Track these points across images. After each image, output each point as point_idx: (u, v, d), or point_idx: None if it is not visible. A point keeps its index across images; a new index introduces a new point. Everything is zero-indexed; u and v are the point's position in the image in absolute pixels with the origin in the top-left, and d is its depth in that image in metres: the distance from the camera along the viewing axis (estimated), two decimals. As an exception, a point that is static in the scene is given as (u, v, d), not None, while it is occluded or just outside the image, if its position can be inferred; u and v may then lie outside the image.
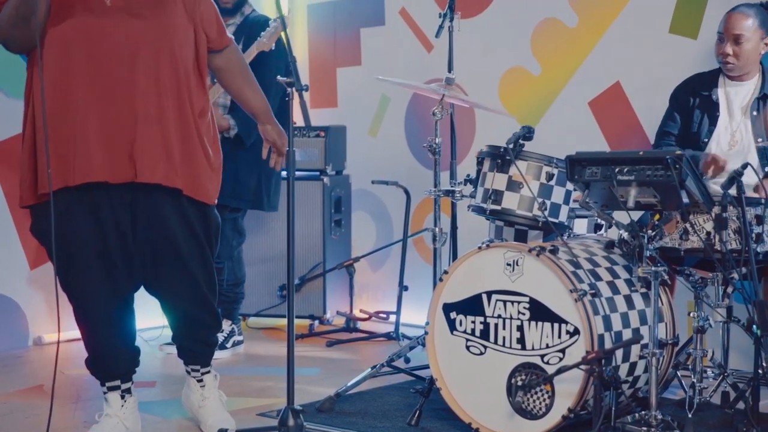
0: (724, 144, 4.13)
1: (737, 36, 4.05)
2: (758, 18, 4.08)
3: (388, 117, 5.86)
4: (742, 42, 4.05)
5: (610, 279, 3.61)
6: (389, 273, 5.74)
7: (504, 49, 5.35)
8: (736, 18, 4.08)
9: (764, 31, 4.10)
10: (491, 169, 3.86)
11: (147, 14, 3.38)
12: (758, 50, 4.09)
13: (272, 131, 3.65)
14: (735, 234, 3.52)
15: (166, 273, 3.52)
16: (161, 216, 3.44)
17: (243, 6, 5.02)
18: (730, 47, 4.08)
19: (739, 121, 4.12)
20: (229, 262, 5.03)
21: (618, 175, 3.33)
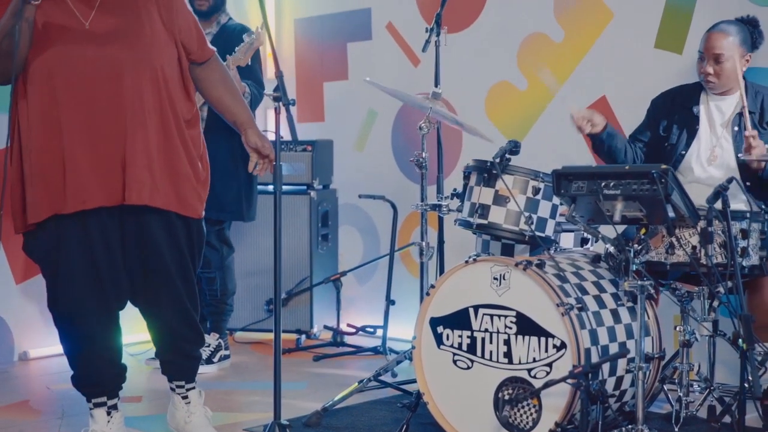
0: (704, 158, 4.14)
1: (717, 55, 4.07)
2: (738, 36, 4.09)
3: (375, 131, 5.87)
4: (722, 61, 4.06)
5: (596, 293, 3.62)
6: (376, 287, 5.73)
7: (490, 63, 5.36)
8: (716, 37, 4.08)
9: (744, 48, 4.11)
10: (478, 183, 3.87)
11: (126, 34, 3.38)
12: (739, 67, 4.11)
13: (254, 135, 3.63)
14: (720, 248, 3.53)
15: (153, 288, 3.53)
16: (150, 233, 3.46)
17: (219, 13, 5.02)
18: (711, 66, 4.09)
19: (720, 135, 4.14)
20: (220, 272, 5.04)
21: (604, 190, 3.34)
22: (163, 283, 3.52)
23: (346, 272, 5.63)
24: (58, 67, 3.32)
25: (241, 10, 6.10)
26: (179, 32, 3.51)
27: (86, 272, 3.43)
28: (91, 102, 3.34)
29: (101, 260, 3.43)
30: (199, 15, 4.65)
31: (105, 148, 3.36)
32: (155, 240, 3.47)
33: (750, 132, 3.88)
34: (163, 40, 3.45)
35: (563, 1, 5.08)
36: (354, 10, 5.92)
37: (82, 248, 3.41)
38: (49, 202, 3.34)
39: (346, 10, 5.96)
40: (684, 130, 4.19)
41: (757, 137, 3.89)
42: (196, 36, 3.57)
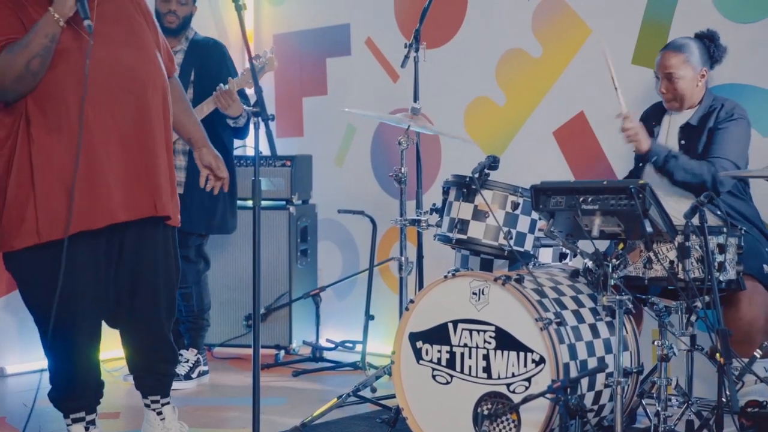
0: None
1: (669, 74, 4.12)
2: (692, 53, 4.11)
3: (354, 146, 5.87)
4: (674, 79, 4.11)
5: (575, 308, 3.63)
6: (355, 302, 5.73)
7: (469, 79, 5.38)
8: (666, 57, 4.14)
9: (698, 64, 4.12)
10: (457, 199, 3.88)
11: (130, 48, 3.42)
12: (696, 83, 4.13)
13: (208, 155, 3.68)
14: (698, 263, 3.55)
15: (138, 305, 3.56)
16: (151, 244, 3.53)
17: (186, 29, 5.02)
18: (665, 85, 4.13)
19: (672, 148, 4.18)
20: (197, 287, 5.04)
21: (582, 205, 3.35)
22: (151, 299, 3.56)
23: (325, 287, 5.63)
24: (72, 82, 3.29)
25: (220, 26, 6.11)
26: (161, 47, 3.59)
27: (90, 289, 3.44)
28: (116, 115, 3.37)
29: (102, 277, 3.47)
30: (168, 32, 4.73)
31: (135, 161, 3.41)
32: (154, 251, 3.54)
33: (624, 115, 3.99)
34: (156, 54, 3.53)
35: (541, 17, 5.11)
36: (333, 26, 5.93)
37: (90, 265, 3.42)
38: (76, 217, 3.28)
39: (326, 26, 5.97)
40: None
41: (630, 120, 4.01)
42: (168, 52, 3.66)
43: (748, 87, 4.42)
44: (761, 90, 4.41)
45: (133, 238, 3.49)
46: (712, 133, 4.08)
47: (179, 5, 4.90)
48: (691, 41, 4.16)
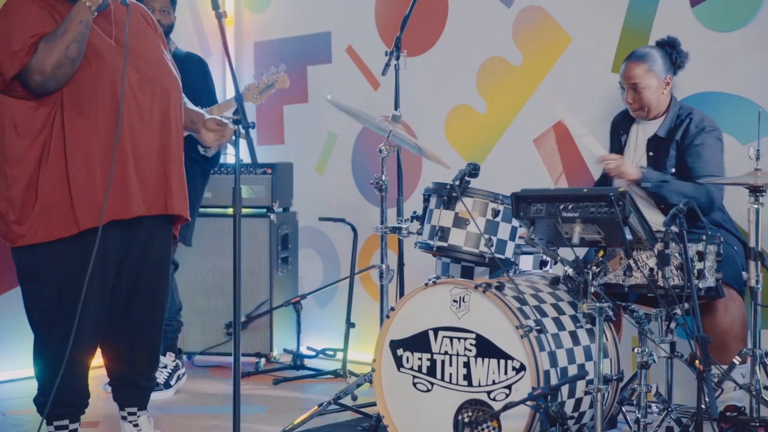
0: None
1: (634, 84, 4.15)
2: (654, 62, 4.14)
3: (335, 154, 5.87)
4: (639, 90, 4.14)
5: (555, 315, 3.64)
6: (336, 310, 5.73)
7: (450, 86, 5.39)
8: (630, 67, 4.17)
9: (662, 72, 4.15)
10: (438, 206, 3.88)
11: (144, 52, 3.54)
12: (660, 91, 4.16)
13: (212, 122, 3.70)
14: (677, 270, 3.57)
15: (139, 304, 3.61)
16: (160, 244, 3.62)
17: (168, 42, 5.03)
18: (630, 95, 4.17)
19: (638, 161, 4.19)
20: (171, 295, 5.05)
21: (562, 212, 3.36)
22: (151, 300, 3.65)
23: (306, 295, 5.62)
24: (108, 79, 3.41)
25: (201, 34, 6.10)
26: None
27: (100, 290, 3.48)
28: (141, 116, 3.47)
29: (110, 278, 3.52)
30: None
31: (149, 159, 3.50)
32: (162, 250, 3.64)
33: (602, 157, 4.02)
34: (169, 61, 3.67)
35: (522, 25, 5.13)
36: (314, 34, 5.93)
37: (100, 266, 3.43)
38: (110, 207, 3.38)
39: (306, 34, 5.97)
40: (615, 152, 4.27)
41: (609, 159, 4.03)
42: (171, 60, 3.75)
43: (728, 95, 4.45)
44: (740, 98, 4.43)
45: (143, 236, 3.56)
46: (684, 148, 4.10)
47: (162, 14, 4.91)
48: (653, 50, 4.20)
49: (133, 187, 3.45)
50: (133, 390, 3.68)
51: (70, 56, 3.31)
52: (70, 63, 3.32)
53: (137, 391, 3.68)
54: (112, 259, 3.50)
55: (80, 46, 3.31)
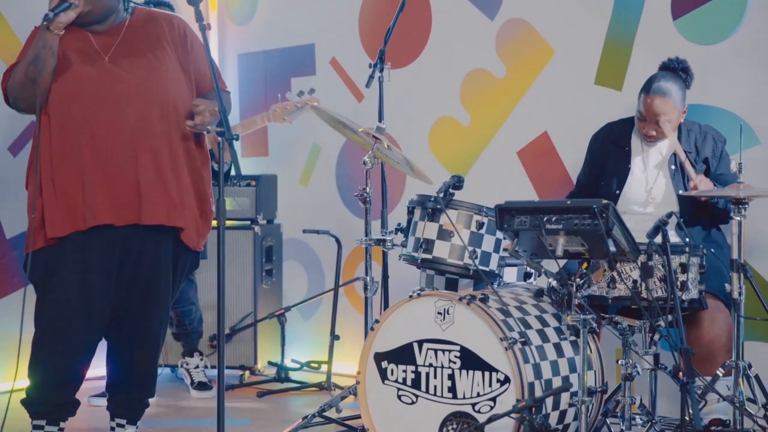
0: (641, 199, 4.18)
1: (658, 120, 4.09)
2: (678, 95, 4.10)
3: (319, 166, 5.87)
4: (662, 123, 4.08)
5: (539, 327, 3.64)
6: (321, 322, 5.72)
7: (434, 99, 5.40)
8: (658, 103, 4.06)
9: (680, 105, 4.13)
10: (422, 218, 3.88)
11: (140, 68, 3.56)
12: (678, 121, 4.16)
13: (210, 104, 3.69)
14: (660, 282, 3.58)
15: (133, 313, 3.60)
16: (155, 255, 3.59)
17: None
18: (653, 129, 4.12)
19: (656, 176, 4.19)
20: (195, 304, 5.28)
21: (546, 224, 3.37)
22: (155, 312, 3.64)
23: (290, 307, 5.61)
24: (76, 95, 3.50)
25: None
26: (195, 73, 3.70)
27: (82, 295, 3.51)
28: (105, 128, 3.50)
29: (96, 285, 3.52)
30: None
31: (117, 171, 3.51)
32: (159, 262, 3.60)
33: (694, 181, 3.95)
34: (177, 78, 3.63)
35: (505, 37, 5.14)
36: (298, 46, 5.94)
37: (79, 270, 3.50)
38: (68, 219, 3.47)
39: (290, 46, 5.97)
40: (617, 169, 4.24)
41: (701, 181, 3.95)
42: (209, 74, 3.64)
43: (710, 108, 4.47)
44: (722, 111, 4.46)
45: (138, 245, 3.56)
46: (717, 159, 4.14)
47: None
48: (674, 83, 4.11)
49: (89, 200, 3.48)
50: (127, 401, 3.70)
51: (30, 76, 3.45)
52: (31, 83, 3.45)
53: (131, 402, 3.70)
54: (100, 266, 3.52)
55: (38, 67, 3.43)
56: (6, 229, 5.17)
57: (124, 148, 3.50)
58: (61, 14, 3.42)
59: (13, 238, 5.17)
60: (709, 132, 4.20)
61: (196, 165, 3.67)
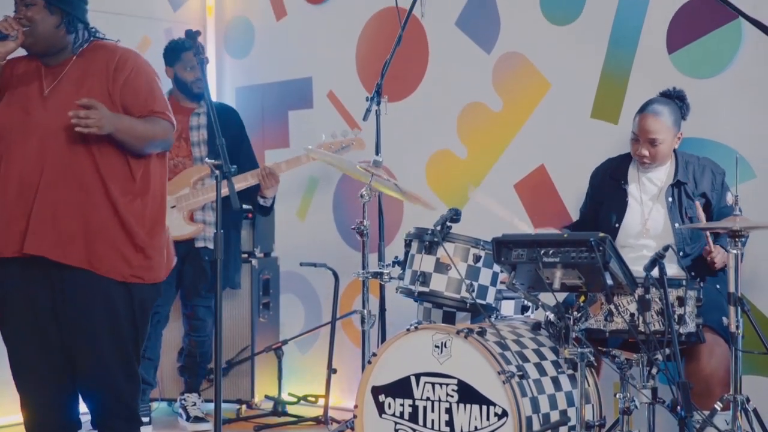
0: (636, 230, 4.19)
1: (653, 140, 4.12)
2: (671, 117, 4.14)
3: (317, 199, 5.88)
4: (657, 144, 4.12)
5: (537, 360, 3.63)
6: (318, 355, 5.70)
7: (431, 132, 5.42)
8: (651, 121, 4.11)
9: (677, 127, 4.18)
10: (419, 251, 3.89)
11: (64, 99, 3.48)
12: (672, 145, 4.18)
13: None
14: (658, 315, 3.58)
15: (82, 353, 3.50)
16: (81, 294, 3.46)
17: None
18: (646, 149, 4.14)
19: (651, 207, 4.20)
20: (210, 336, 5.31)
21: (543, 257, 3.37)
22: (91, 349, 3.49)
23: (287, 341, 5.59)
24: (8, 126, 3.48)
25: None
26: (121, 99, 3.54)
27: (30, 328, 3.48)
28: (21, 160, 3.46)
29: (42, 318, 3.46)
30: (196, 98, 5.19)
31: (24, 202, 3.45)
32: (86, 303, 3.47)
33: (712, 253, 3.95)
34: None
35: (501, 71, 5.17)
36: (295, 79, 5.96)
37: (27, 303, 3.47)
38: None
39: (288, 79, 6.00)
40: (615, 203, 4.25)
41: (717, 252, 3.94)
42: (143, 101, 3.57)
43: (705, 141, 4.49)
44: (717, 144, 4.47)
45: (63, 284, 3.47)
46: (717, 193, 4.15)
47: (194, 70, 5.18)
48: (668, 106, 4.16)
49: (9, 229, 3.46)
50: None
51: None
52: None
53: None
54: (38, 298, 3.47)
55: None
56: None
57: (27, 178, 3.45)
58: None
59: None
60: (707, 165, 4.21)
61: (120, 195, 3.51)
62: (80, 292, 3.45)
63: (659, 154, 4.13)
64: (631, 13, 4.73)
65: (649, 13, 4.68)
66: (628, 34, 4.74)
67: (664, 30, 4.63)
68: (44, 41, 3.50)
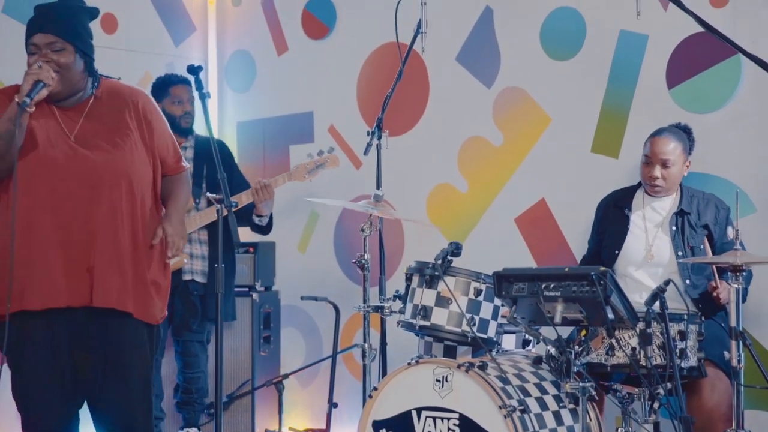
0: (640, 257, 4.20)
1: (665, 161, 4.16)
2: (681, 142, 4.21)
3: (318, 233, 5.88)
4: (669, 166, 4.16)
5: (538, 395, 3.62)
6: (319, 390, 5.68)
7: (431, 166, 5.43)
8: (664, 143, 4.17)
9: (686, 154, 4.23)
10: (420, 285, 3.89)
11: (106, 148, 3.49)
12: (682, 172, 4.22)
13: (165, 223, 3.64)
14: (659, 349, 3.57)
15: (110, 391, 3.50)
16: (115, 336, 3.47)
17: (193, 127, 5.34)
18: (659, 171, 4.17)
19: (655, 235, 4.22)
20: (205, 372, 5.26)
21: (544, 291, 3.37)
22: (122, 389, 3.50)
23: (288, 375, 5.57)
24: (40, 173, 3.42)
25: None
26: (158, 149, 3.62)
27: (49, 372, 3.42)
28: (67, 208, 3.42)
29: (63, 360, 3.43)
30: (183, 132, 5.19)
31: (75, 252, 3.42)
32: (120, 343, 3.48)
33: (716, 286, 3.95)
34: (140, 157, 3.56)
35: (502, 106, 5.19)
36: (296, 114, 5.99)
37: (47, 348, 3.42)
38: (17, 295, 3.35)
39: (289, 114, 6.02)
40: (616, 230, 4.27)
41: (723, 287, 3.94)
42: (173, 153, 3.69)
43: (706, 176, 4.50)
44: (718, 179, 4.48)
45: (97, 326, 3.46)
46: (720, 227, 4.16)
47: (191, 105, 5.24)
48: (678, 133, 4.23)
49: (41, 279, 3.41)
50: None
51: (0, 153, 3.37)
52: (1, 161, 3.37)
53: None
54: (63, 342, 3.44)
55: (8, 143, 3.33)
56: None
57: (80, 229, 3.43)
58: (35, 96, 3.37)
59: None
60: (712, 199, 4.24)
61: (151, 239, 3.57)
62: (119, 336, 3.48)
63: (671, 177, 4.17)
64: (630, 49, 4.76)
65: (649, 48, 4.71)
66: (627, 69, 4.77)
67: (664, 65, 4.66)
68: (72, 86, 3.50)
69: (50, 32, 3.45)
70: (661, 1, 4.58)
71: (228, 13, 6.30)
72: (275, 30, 6.07)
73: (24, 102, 3.32)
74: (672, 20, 4.56)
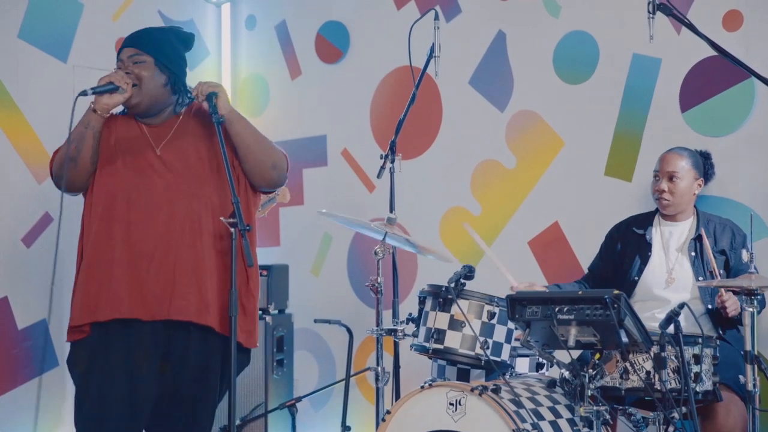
0: (661, 281, 4.20)
1: (671, 173, 4.19)
2: (691, 159, 4.23)
3: (331, 256, 5.89)
4: (675, 180, 4.19)
5: (552, 418, 3.61)
6: (332, 413, 5.67)
7: (444, 189, 5.44)
8: (671, 157, 4.24)
9: (697, 172, 4.24)
10: (433, 308, 3.88)
11: (184, 165, 3.58)
12: (692, 190, 4.23)
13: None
14: (674, 373, 3.56)
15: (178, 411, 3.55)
16: (194, 352, 3.54)
17: None
18: (665, 184, 4.21)
19: (675, 259, 4.21)
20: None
21: (558, 315, 3.36)
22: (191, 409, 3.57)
23: (301, 398, 5.56)
24: (121, 187, 3.53)
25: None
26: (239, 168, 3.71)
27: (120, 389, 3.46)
28: (145, 224, 3.51)
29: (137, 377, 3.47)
30: None
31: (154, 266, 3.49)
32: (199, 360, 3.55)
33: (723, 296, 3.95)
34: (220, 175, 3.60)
35: (515, 129, 5.20)
36: (310, 137, 6.01)
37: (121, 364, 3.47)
38: (88, 307, 3.46)
39: (303, 137, 6.04)
40: (637, 255, 4.27)
41: (729, 297, 3.95)
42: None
43: (719, 199, 4.50)
44: (732, 202, 4.48)
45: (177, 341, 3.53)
46: (728, 253, 4.16)
47: None
48: (689, 151, 4.29)
49: (113, 292, 3.48)
50: None
51: (70, 155, 3.46)
52: (71, 162, 3.46)
53: None
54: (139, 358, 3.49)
55: (79, 146, 3.43)
56: (18, 319, 5.17)
57: (160, 244, 3.51)
58: (105, 96, 3.46)
59: (25, 328, 5.16)
60: (728, 225, 4.24)
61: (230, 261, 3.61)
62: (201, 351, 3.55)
63: (678, 192, 4.18)
64: (643, 72, 4.77)
65: (662, 72, 4.72)
66: (641, 93, 4.78)
67: (677, 89, 4.67)
68: (150, 99, 3.56)
69: (132, 46, 3.57)
70: (674, 25, 4.59)
71: (242, 37, 6.34)
72: (289, 54, 6.10)
73: (84, 91, 3.43)
74: (685, 44, 4.58)
